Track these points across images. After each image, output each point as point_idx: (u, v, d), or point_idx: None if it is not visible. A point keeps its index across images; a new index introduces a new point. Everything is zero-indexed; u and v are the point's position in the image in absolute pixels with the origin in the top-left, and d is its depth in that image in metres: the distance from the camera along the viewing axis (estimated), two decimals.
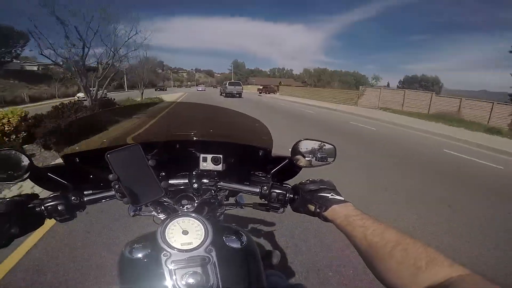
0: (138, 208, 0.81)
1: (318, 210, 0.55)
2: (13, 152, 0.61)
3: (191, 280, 0.47)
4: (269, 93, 34.80)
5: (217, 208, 0.77)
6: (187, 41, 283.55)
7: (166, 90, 49.28)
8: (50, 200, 0.60)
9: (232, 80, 29.80)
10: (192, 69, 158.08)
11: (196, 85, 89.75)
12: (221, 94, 27.16)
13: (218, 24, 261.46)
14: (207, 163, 0.70)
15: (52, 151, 4.31)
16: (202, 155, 0.70)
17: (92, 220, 2.29)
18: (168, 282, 0.48)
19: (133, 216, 0.81)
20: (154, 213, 0.73)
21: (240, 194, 0.92)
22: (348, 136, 6.90)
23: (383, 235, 0.42)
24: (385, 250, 0.40)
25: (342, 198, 0.55)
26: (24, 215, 0.56)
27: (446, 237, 2.31)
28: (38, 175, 0.64)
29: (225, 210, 0.82)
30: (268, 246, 1.90)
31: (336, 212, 0.51)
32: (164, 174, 0.63)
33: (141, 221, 2.13)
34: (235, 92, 24.09)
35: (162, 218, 0.72)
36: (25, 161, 0.61)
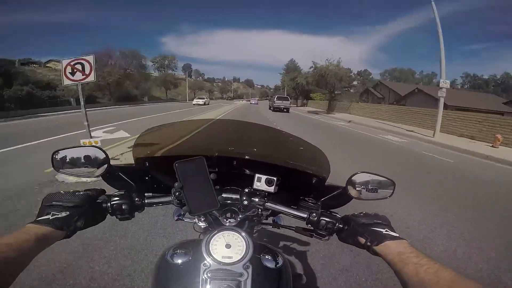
0: (182, 213, 0.84)
1: (369, 243, 0.55)
2: (96, 149, 0.66)
3: None
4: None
5: (255, 225, 0.78)
6: (225, 54, 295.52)
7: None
8: (117, 198, 0.64)
9: (280, 95, 29.36)
10: (226, 78, 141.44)
11: (233, 98, 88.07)
12: (269, 108, 27.10)
13: (256, 37, 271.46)
14: (260, 183, 0.71)
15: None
16: (257, 175, 0.71)
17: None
18: None
19: (176, 220, 0.84)
20: (196, 220, 0.75)
21: (279, 215, 0.92)
22: None
23: (437, 273, 0.41)
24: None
25: (397, 235, 0.54)
26: (91, 210, 0.59)
27: None
28: (111, 173, 0.67)
29: (262, 227, 0.82)
30: (298, 268, 1.83)
31: (389, 248, 0.51)
32: (218, 187, 0.65)
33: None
34: (283, 107, 23.81)
35: (202, 226, 0.75)
36: (104, 159, 0.65)
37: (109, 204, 0.63)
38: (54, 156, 0.65)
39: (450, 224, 2.83)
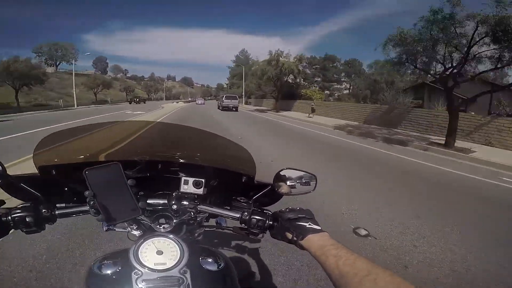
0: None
1: (295, 238, 0.56)
2: None
3: None
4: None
5: (196, 228, 0.77)
6: (161, 53, 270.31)
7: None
8: (19, 210, 0.58)
9: (229, 94, 29.60)
10: (158, 76, 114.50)
11: (171, 99, 71.77)
12: (218, 108, 27.30)
13: (195, 36, 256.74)
14: (188, 186, 0.70)
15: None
16: (184, 178, 0.70)
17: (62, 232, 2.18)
18: None
19: (106, 230, 0.79)
20: (129, 229, 0.71)
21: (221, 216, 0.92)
22: None
23: (354, 265, 0.44)
24: (355, 279, 0.41)
25: (319, 228, 0.57)
26: None
27: None
28: (10, 183, 0.61)
29: (204, 230, 0.81)
30: (248, 268, 1.84)
31: (312, 241, 0.53)
32: (142, 193, 0.62)
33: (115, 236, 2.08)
34: (231, 106, 24.29)
35: (137, 235, 0.71)
36: None
37: (9, 217, 0.57)
38: None
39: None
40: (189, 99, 75.46)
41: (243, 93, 34.09)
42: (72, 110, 24.36)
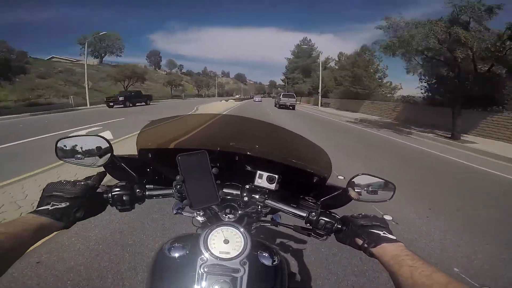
0: (182, 207, 0.84)
1: (366, 245, 0.55)
2: (100, 138, 0.66)
3: None
4: None
5: (254, 222, 0.78)
6: (215, 51, 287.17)
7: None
8: (118, 189, 0.63)
9: (286, 92, 29.57)
10: (211, 71, 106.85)
11: (223, 95, 68.77)
12: (275, 105, 27.35)
13: (247, 35, 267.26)
14: (262, 180, 0.70)
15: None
16: (259, 172, 0.71)
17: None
18: (197, 285, 0.49)
19: (175, 213, 0.84)
20: (195, 214, 0.76)
21: (278, 213, 0.92)
22: None
23: (431, 277, 0.42)
24: None
25: (394, 238, 0.55)
26: (92, 200, 0.59)
27: None
28: (113, 163, 0.66)
29: (260, 225, 0.83)
30: (293, 267, 1.82)
31: (386, 250, 0.52)
32: (219, 182, 0.65)
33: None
34: (289, 104, 24.15)
35: (201, 221, 0.76)
36: (107, 149, 0.65)
37: (110, 195, 0.63)
38: (57, 144, 0.65)
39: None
40: (240, 96, 72.25)
41: (319, 90, 26.82)
42: (70, 112, 16.15)
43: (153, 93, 31.60)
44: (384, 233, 0.55)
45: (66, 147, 0.66)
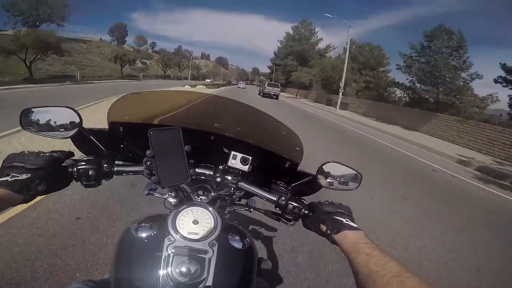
0: (154, 187, 0.82)
1: (329, 231, 0.56)
2: (69, 109, 0.63)
3: (184, 269, 0.48)
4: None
5: (227, 205, 0.78)
6: (199, 34, 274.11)
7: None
8: (84, 163, 0.60)
9: (272, 82, 29.88)
10: (186, 50, 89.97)
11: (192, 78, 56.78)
12: (259, 94, 27.53)
13: (234, 20, 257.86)
14: (236, 161, 0.70)
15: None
16: (233, 153, 0.70)
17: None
18: (163, 266, 0.49)
19: (146, 194, 0.83)
20: (166, 196, 0.74)
21: (252, 198, 0.92)
22: None
23: (385, 265, 0.43)
24: (383, 280, 0.41)
25: (356, 226, 0.56)
26: (55, 174, 0.56)
27: None
28: (82, 135, 0.64)
29: (234, 209, 0.83)
30: (262, 253, 1.89)
31: (346, 237, 0.53)
32: (192, 161, 0.63)
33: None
34: (273, 93, 24.37)
35: (173, 203, 0.74)
36: (77, 120, 0.62)
37: (75, 169, 0.59)
38: (23, 114, 0.61)
39: None
40: (238, 81, 63.19)
41: (341, 85, 17.72)
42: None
43: (95, 71, 27.35)
44: (346, 220, 0.57)
45: (32, 117, 0.62)
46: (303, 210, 0.66)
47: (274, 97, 24.31)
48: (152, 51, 77.23)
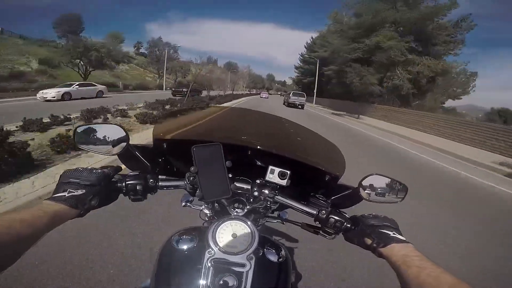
0: (190, 200, 0.84)
1: (375, 244, 0.55)
2: (117, 127, 0.67)
3: (223, 282, 0.48)
4: None
5: (261, 217, 0.78)
6: (213, 44, 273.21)
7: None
8: (131, 178, 0.63)
9: (296, 91, 29.98)
10: (166, 43, 42.26)
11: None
12: (283, 103, 27.21)
13: (247, 30, 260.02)
14: (273, 175, 0.70)
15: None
16: (270, 167, 0.71)
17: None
18: (202, 279, 0.49)
19: (183, 206, 0.85)
20: (203, 207, 0.76)
21: (285, 210, 0.91)
22: None
23: (438, 278, 0.41)
24: None
25: (404, 239, 0.54)
26: (106, 189, 0.59)
27: None
28: (128, 152, 0.67)
29: (266, 221, 0.82)
30: (297, 265, 1.81)
31: (395, 250, 0.51)
32: (230, 176, 0.64)
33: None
34: (298, 103, 24.06)
35: (208, 215, 0.76)
36: (123, 137, 0.66)
37: (123, 183, 0.63)
38: (76, 131, 0.67)
39: None
40: (261, 92, 53.41)
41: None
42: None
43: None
44: (394, 234, 0.55)
45: (84, 134, 0.67)
46: (345, 224, 0.64)
47: (300, 106, 23.93)
48: (137, 53, 57.26)
